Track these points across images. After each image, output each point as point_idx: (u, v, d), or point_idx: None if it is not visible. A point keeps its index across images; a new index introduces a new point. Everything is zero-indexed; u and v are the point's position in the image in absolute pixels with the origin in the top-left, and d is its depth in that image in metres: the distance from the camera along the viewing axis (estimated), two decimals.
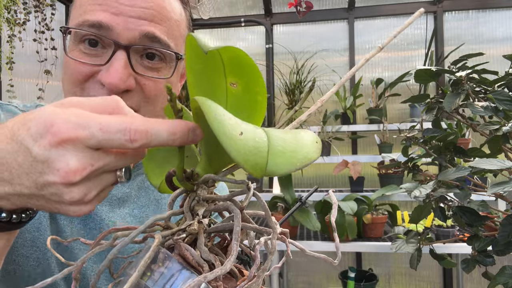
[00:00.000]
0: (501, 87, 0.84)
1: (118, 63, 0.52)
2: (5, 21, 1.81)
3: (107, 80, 0.51)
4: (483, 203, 0.83)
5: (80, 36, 0.55)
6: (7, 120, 0.37)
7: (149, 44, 0.54)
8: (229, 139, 0.24)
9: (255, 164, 0.24)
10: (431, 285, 2.88)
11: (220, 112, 0.25)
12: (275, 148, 0.25)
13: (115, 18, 0.52)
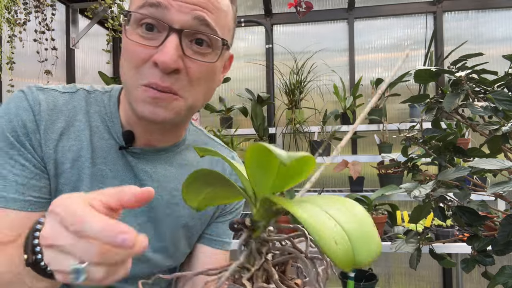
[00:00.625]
0: (501, 87, 0.84)
1: (170, 44, 0.56)
2: (6, 21, 1.81)
3: (160, 58, 0.55)
4: (482, 203, 0.83)
5: (138, 20, 0.58)
6: (48, 106, 0.53)
7: (199, 28, 0.58)
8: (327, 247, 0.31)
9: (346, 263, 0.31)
10: (430, 285, 2.88)
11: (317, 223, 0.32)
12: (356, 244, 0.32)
13: (172, 1, 0.56)
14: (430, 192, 0.80)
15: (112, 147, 0.67)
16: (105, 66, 3.09)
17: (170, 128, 0.69)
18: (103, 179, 0.66)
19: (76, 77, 2.69)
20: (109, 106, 0.70)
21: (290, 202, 0.34)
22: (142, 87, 0.58)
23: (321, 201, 0.36)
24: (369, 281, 2.19)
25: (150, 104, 0.58)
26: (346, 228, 0.33)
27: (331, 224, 0.32)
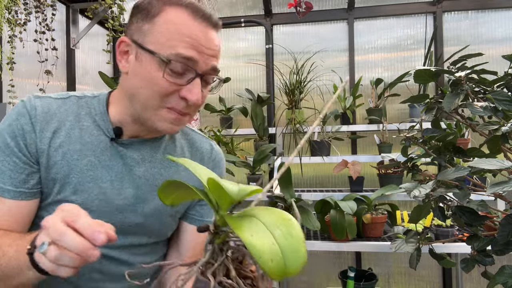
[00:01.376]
0: (500, 87, 0.84)
1: (197, 87, 0.74)
2: (6, 22, 1.81)
3: (192, 99, 0.73)
4: (482, 203, 0.83)
5: (173, 65, 0.72)
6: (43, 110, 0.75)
7: (212, 73, 0.77)
8: (264, 265, 0.39)
9: (278, 276, 0.39)
10: (430, 284, 2.88)
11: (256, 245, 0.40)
12: (288, 259, 0.40)
13: (199, 55, 0.73)
14: (430, 192, 0.80)
15: (101, 140, 0.80)
16: (105, 66, 3.09)
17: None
18: (93, 168, 0.79)
19: (76, 77, 2.70)
20: (99, 108, 0.83)
21: (238, 223, 0.42)
22: (166, 109, 0.75)
23: (269, 220, 0.43)
24: (369, 280, 2.20)
25: (172, 123, 0.76)
26: (282, 246, 0.41)
27: (270, 243, 0.41)
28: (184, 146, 0.92)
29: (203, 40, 0.73)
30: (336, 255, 2.99)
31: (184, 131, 0.95)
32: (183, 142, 0.93)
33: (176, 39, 0.71)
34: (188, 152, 0.92)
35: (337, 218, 1.94)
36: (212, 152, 0.96)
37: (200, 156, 0.93)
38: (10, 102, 1.93)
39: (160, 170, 0.85)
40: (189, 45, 0.72)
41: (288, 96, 2.62)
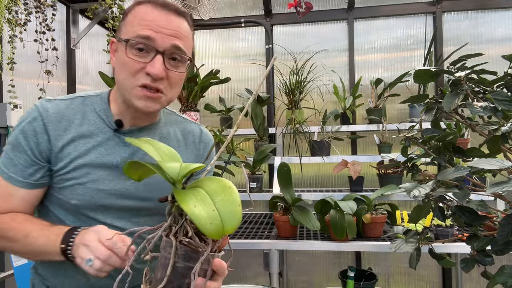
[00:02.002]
0: (500, 87, 0.84)
1: (158, 62, 0.85)
2: (6, 22, 1.81)
3: (153, 71, 0.85)
4: (482, 202, 0.83)
5: (133, 44, 0.86)
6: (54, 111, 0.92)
7: (175, 51, 0.88)
8: (204, 228, 0.49)
9: (216, 236, 0.50)
10: (430, 284, 2.89)
11: (197, 213, 0.50)
12: (225, 221, 0.50)
13: (157, 34, 0.85)
14: (430, 192, 0.80)
15: (106, 132, 0.94)
16: (105, 66, 3.09)
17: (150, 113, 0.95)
18: (101, 156, 0.92)
19: (77, 77, 2.70)
20: (101, 104, 0.97)
21: (183, 196, 0.52)
22: (138, 88, 0.87)
23: (212, 188, 0.54)
24: (369, 280, 2.20)
25: (146, 100, 0.88)
26: (221, 211, 0.51)
27: (210, 209, 0.50)
28: (177, 131, 1.05)
29: (162, 22, 0.86)
30: (336, 255, 2.99)
31: (177, 119, 1.09)
32: (176, 128, 1.06)
33: (137, 25, 0.86)
34: (181, 135, 1.06)
35: (337, 218, 1.94)
36: (201, 134, 1.10)
37: (192, 138, 1.07)
38: (10, 102, 1.93)
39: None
40: (146, 27, 0.85)
41: (288, 96, 2.62)
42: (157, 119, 1.03)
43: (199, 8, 2.39)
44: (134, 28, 0.86)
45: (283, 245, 2.02)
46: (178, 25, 0.89)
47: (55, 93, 2.43)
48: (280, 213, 2.09)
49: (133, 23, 0.87)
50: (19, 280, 1.44)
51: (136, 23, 0.86)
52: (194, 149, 1.07)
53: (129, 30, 0.87)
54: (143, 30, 0.85)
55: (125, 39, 0.86)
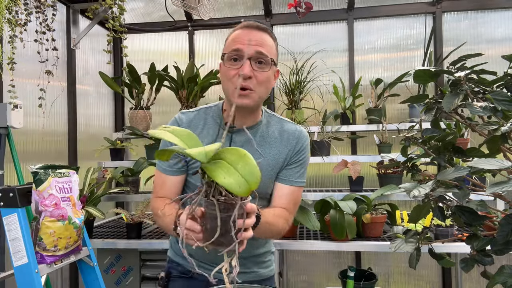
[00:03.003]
0: (500, 87, 0.84)
1: (246, 64, 1.11)
2: (6, 22, 1.81)
3: (243, 72, 1.09)
4: (481, 202, 0.83)
5: (229, 57, 1.15)
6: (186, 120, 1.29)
7: (259, 56, 1.13)
8: (235, 191, 0.65)
9: (245, 193, 0.66)
10: (430, 284, 2.89)
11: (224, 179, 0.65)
12: (249, 181, 0.66)
13: (244, 46, 1.12)
14: (430, 192, 0.80)
15: (219, 132, 1.23)
16: (106, 66, 3.09)
17: (250, 112, 1.21)
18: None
19: (77, 77, 2.70)
20: (217, 112, 1.27)
21: (213, 170, 0.66)
22: (234, 89, 1.12)
23: (232, 159, 0.67)
24: (369, 280, 2.20)
25: (240, 98, 1.11)
26: (244, 174, 0.65)
27: (236, 176, 0.65)
28: (275, 130, 1.27)
29: (246, 37, 1.14)
30: (336, 254, 2.99)
31: (276, 120, 1.30)
32: (275, 127, 1.28)
33: (231, 43, 1.16)
34: (278, 133, 1.27)
35: (337, 218, 1.94)
36: (296, 131, 1.28)
37: (287, 135, 1.27)
38: (11, 102, 1.93)
39: (258, 148, 1.23)
40: (236, 42, 1.14)
41: (288, 96, 2.62)
42: (259, 120, 1.26)
43: (199, 8, 2.39)
44: (229, 47, 1.16)
45: (283, 245, 2.03)
46: (261, 37, 1.15)
47: (55, 93, 2.43)
48: None
49: (228, 44, 1.17)
50: (19, 280, 1.45)
51: (230, 43, 1.16)
52: (288, 143, 1.25)
53: (226, 49, 1.18)
54: (234, 45, 1.14)
55: (223, 54, 1.17)
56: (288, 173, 1.26)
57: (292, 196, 1.25)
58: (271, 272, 1.39)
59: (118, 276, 2.31)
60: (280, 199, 1.25)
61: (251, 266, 1.31)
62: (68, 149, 2.63)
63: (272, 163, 1.23)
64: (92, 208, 2.07)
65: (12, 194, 1.47)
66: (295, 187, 1.27)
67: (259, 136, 1.25)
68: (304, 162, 1.28)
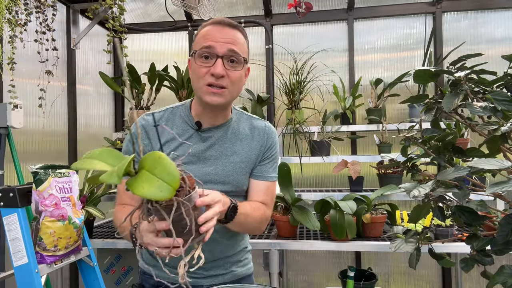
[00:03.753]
0: (500, 87, 0.84)
1: (219, 64, 1.09)
2: (7, 22, 1.81)
3: (215, 71, 1.08)
4: (481, 202, 0.83)
5: (200, 54, 1.11)
6: (152, 122, 1.25)
7: (231, 54, 1.11)
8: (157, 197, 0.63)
9: (169, 196, 0.64)
10: (430, 284, 2.89)
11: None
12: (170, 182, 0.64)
13: (216, 43, 1.10)
14: (429, 192, 0.80)
15: (190, 132, 1.21)
16: (106, 66, 3.09)
17: (221, 111, 1.20)
18: (187, 146, 1.18)
19: (77, 77, 2.70)
20: (185, 111, 1.24)
21: (133, 184, 0.63)
22: (205, 86, 1.11)
23: (149, 165, 0.64)
24: (369, 280, 2.20)
25: (212, 95, 1.11)
26: (162, 177, 0.63)
27: (155, 182, 0.62)
28: (245, 127, 1.28)
29: (219, 34, 1.11)
30: (336, 254, 3.00)
31: (246, 117, 1.31)
32: (245, 124, 1.28)
33: (201, 40, 1.12)
34: (249, 130, 1.28)
35: (337, 218, 1.94)
36: (265, 128, 1.30)
37: (257, 132, 1.28)
38: (11, 102, 1.93)
39: (229, 145, 1.23)
40: (207, 39, 1.10)
41: (288, 96, 2.62)
42: (229, 118, 1.25)
43: (199, 8, 2.39)
44: (199, 43, 1.13)
45: (283, 245, 2.03)
46: (233, 34, 1.13)
47: (55, 93, 2.43)
48: (280, 213, 2.09)
49: (199, 40, 1.14)
50: (19, 280, 1.45)
51: (201, 40, 1.13)
52: (259, 139, 1.27)
53: (196, 45, 1.14)
54: (205, 42, 1.11)
55: (193, 51, 1.13)
56: (263, 169, 1.28)
57: (269, 191, 1.28)
58: (249, 270, 1.38)
59: (118, 276, 2.31)
60: (257, 194, 1.27)
61: (228, 267, 1.30)
62: (68, 149, 2.63)
63: (245, 160, 1.24)
64: (92, 208, 2.07)
65: (12, 194, 1.47)
66: (270, 182, 1.29)
67: (230, 133, 1.25)
68: (276, 156, 1.32)
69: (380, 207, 2.18)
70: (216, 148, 1.21)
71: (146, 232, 0.84)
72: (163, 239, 0.81)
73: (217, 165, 1.20)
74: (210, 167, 1.19)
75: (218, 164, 1.21)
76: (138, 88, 2.67)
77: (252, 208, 1.19)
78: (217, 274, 1.27)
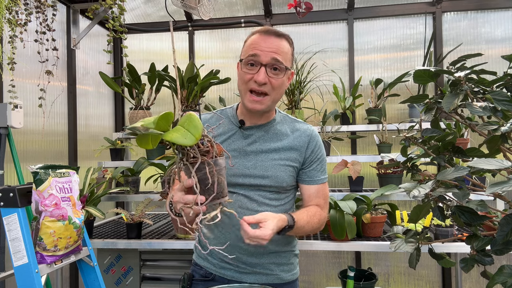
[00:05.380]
0: (500, 87, 0.84)
1: (262, 72, 1.18)
2: (7, 22, 1.81)
3: (258, 79, 1.17)
4: (481, 202, 0.83)
5: (246, 62, 1.21)
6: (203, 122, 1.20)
7: (274, 63, 1.19)
8: (183, 142, 0.80)
9: (191, 142, 0.81)
10: (430, 284, 2.89)
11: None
12: (193, 132, 0.81)
13: (261, 52, 1.18)
14: (429, 192, 0.80)
15: (234, 128, 1.32)
16: (106, 66, 3.09)
17: (263, 113, 1.29)
18: (230, 142, 1.29)
19: (77, 77, 2.70)
20: (231, 112, 1.35)
21: (167, 134, 0.79)
22: (249, 93, 1.21)
23: (182, 121, 0.82)
24: (369, 280, 2.20)
25: (253, 102, 1.21)
26: (188, 128, 0.80)
27: (182, 131, 0.80)
28: (287, 128, 1.34)
29: (264, 43, 1.19)
30: (336, 254, 3.00)
31: (290, 120, 1.38)
32: (288, 126, 1.35)
33: (248, 49, 1.21)
34: (290, 131, 1.34)
35: (337, 218, 1.94)
36: (307, 130, 1.35)
37: (299, 133, 1.34)
38: (11, 102, 1.93)
39: (269, 143, 1.31)
40: (253, 48, 1.19)
41: (288, 96, 2.62)
42: (272, 119, 1.34)
43: (199, 8, 2.39)
44: (247, 51, 1.22)
45: None
46: (277, 44, 1.20)
47: (55, 93, 2.43)
48: None
49: (247, 48, 1.22)
50: (19, 280, 1.45)
51: (248, 48, 1.22)
52: (301, 141, 1.32)
53: (243, 53, 1.23)
54: (252, 50, 1.19)
55: (240, 59, 1.23)
56: (311, 174, 1.34)
57: (321, 193, 1.35)
58: (294, 276, 1.39)
59: (118, 276, 2.30)
60: (310, 199, 1.34)
61: (273, 268, 1.32)
62: (68, 149, 2.63)
63: (284, 158, 1.30)
64: (92, 208, 2.07)
65: (12, 194, 1.47)
66: (321, 184, 1.36)
67: (272, 132, 1.32)
68: (323, 158, 1.37)
69: (380, 207, 2.18)
70: (257, 145, 1.29)
71: (176, 191, 0.95)
72: (188, 196, 0.91)
73: (256, 161, 1.28)
74: (250, 162, 1.28)
75: (257, 160, 1.28)
76: (138, 88, 2.67)
77: (308, 216, 1.26)
78: (262, 272, 1.31)
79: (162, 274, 2.33)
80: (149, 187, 2.70)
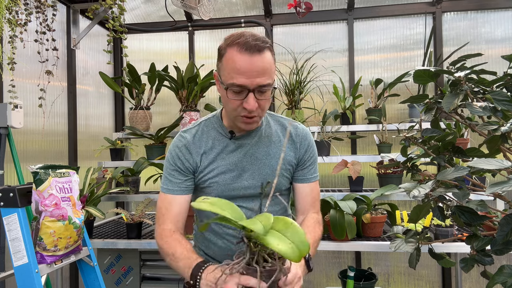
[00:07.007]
0: (500, 87, 0.84)
1: (251, 99, 1.10)
2: (7, 22, 1.81)
3: (249, 107, 1.10)
4: (481, 202, 0.83)
5: (231, 90, 1.11)
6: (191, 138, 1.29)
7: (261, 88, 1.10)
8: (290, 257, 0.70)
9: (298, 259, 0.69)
10: (430, 284, 2.89)
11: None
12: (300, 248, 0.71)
13: (247, 80, 1.08)
14: (429, 192, 0.81)
15: (224, 140, 1.26)
16: (106, 66, 3.09)
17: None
18: (224, 156, 1.24)
19: (77, 77, 2.70)
20: (217, 122, 1.29)
21: (265, 238, 0.71)
22: (240, 117, 1.14)
23: (280, 227, 0.74)
24: (369, 280, 2.20)
25: (247, 124, 1.16)
26: (295, 242, 0.71)
27: (288, 243, 0.71)
28: (277, 129, 1.31)
29: (248, 66, 1.07)
30: (336, 254, 3.00)
31: (276, 118, 1.34)
32: (277, 126, 1.31)
33: (231, 72, 1.09)
34: (280, 132, 1.31)
35: (337, 218, 1.94)
36: (297, 130, 1.32)
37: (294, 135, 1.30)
38: (11, 102, 1.93)
39: (264, 149, 1.27)
40: (239, 75, 1.08)
41: (288, 96, 2.62)
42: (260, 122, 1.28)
43: (199, 8, 2.39)
44: (229, 75, 1.10)
45: None
46: (262, 62, 1.09)
47: (55, 93, 2.43)
48: None
49: (228, 70, 1.10)
50: (19, 280, 1.45)
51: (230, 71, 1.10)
52: (292, 142, 1.30)
53: (226, 76, 1.12)
54: (236, 79, 1.08)
55: (225, 87, 1.12)
56: (304, 173, 1.33)
57: (314, 192, 1.34)
58: None
59: (118, 276, 2.30)
60: (304, 199, 1.33)
61: None
62: (68, 149, 2.63)
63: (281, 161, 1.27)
64: (92, 208, 2.07)
65: (12, 194, 1.47)
66: (313, 182, 1.35)
67: (263, 136, 1.28)
68: (315, 157, 1.36)
69: (380, 207, 2.18)
70: (252, 154, 1.26)
71: (227, 284, 0.91)
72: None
73: (253, 170, 1.25)
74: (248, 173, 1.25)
75: (255, 169, 1.25)
76: (138, 88, 2.67)
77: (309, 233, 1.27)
78: None
79: (162, 274, 2.34)
80: (149, 187, 2.70)
